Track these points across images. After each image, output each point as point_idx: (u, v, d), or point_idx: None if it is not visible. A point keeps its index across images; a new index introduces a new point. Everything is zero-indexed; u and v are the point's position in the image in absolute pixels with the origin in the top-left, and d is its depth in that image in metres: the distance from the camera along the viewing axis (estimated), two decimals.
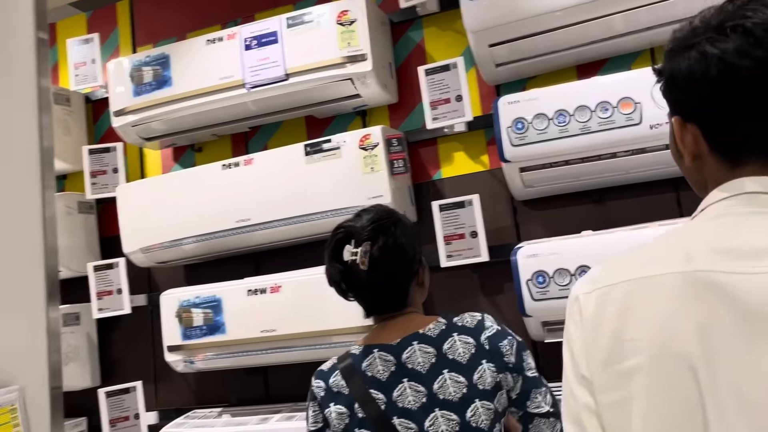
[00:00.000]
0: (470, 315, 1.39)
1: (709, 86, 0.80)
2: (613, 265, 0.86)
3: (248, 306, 2.34)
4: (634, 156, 2.05)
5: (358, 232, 1.39)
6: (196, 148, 2.88)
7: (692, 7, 2.05)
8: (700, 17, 0.84)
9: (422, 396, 1.31)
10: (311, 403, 1.44)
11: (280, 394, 2.65)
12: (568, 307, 0.86)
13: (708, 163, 0.85)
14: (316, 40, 2.34)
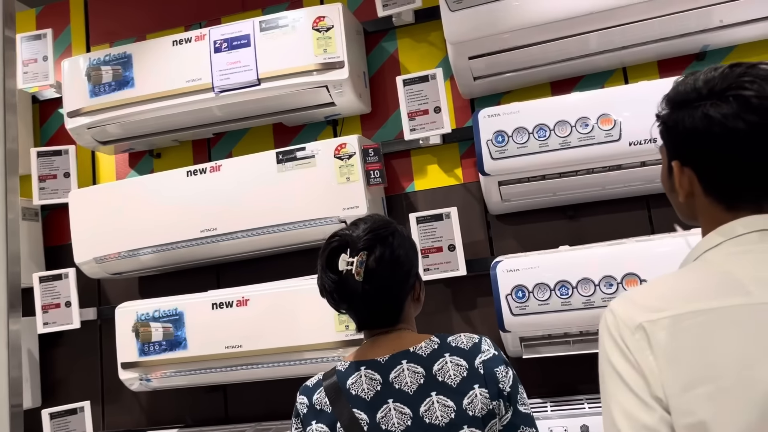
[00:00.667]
0: (467, 336, 1.32)
1: (711, 143, 0.95)
2: (662, 294, 0.94)
3: (213, 320, 2.22)
4: (611, 172, 2.07)
5: (354, 241, 1.31)
6: (155, 153, 2.74)
7: (665, 30, 2.11)
8: (704, 79, 0.98)
9: (407, 419, 1.24)
10: (294, 419, 1.37)
11: (241, 414, 2.52)
12: (626, 334, 0.91)
13: (701, 201, 1.01)
14: (290, 45, 2.27)
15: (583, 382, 2.17)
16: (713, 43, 2.16)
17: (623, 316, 0.92)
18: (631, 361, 0.89)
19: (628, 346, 0.90)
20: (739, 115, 0.92)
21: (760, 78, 0.93)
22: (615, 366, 0.90)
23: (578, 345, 2.05)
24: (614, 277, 1.94)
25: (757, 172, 0.95)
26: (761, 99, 0.92)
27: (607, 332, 0.94)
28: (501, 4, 2.08)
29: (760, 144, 0.93)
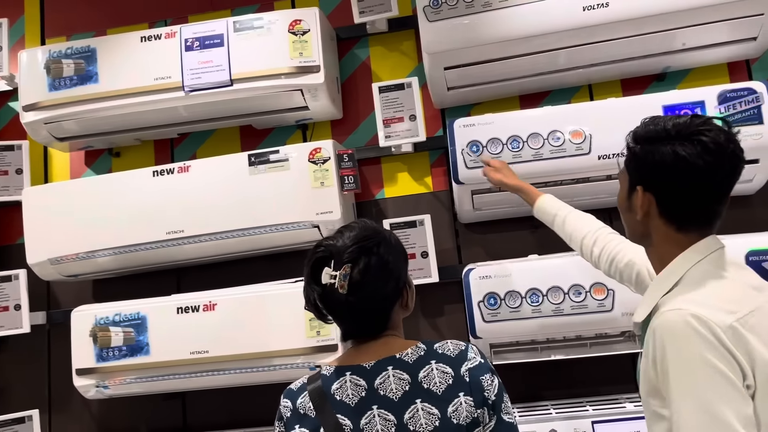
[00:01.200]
0: (453, 343, 1.31)
1: (675, 174, 1.20)
2: (717, 297, 1.15)
3: (177, 325, 2.16)
4: (579, 184, 2.14)
5: (339, 252, 1.28)
6: (114, 152, 2.65)
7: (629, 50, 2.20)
8: (672, 124, 1.22)
9: (391, 425, 1.23)
10: (277, 422, 1.34)
11: (200, 422, 2.45)
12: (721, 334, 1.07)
13: (655, 222, 1.26)
14: (265, 46, 2.25)
15: (549, 389, 2.23)
16: (674, 65, 2.27)
17: (712, 317, 1.08)
18: (729, 360, 1.05)
19: (725, 344, 1.06)
20: (700, 155, 1.17)
21: (716, 129, 1.19)
22: (716, 365, 1.05)
23: (546, 352, 2.10)
24: (583, 286, 2.00)
25: (705, 201, 1.22)
26: (716, 144, 1.17)
27: (696, 334, 1.07)
28: (478, 17, 2.13)
29: (711, 179, 1.19)
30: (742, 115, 1.97)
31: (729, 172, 1.20)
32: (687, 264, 1.21)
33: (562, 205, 1.82)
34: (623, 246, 1.61)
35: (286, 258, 2.40)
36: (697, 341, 1.06)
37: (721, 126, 1.20)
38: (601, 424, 1.92)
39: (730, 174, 1.21)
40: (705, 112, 1.99)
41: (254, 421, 2.38)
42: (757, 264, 1.91)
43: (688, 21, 2.08)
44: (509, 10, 2.11)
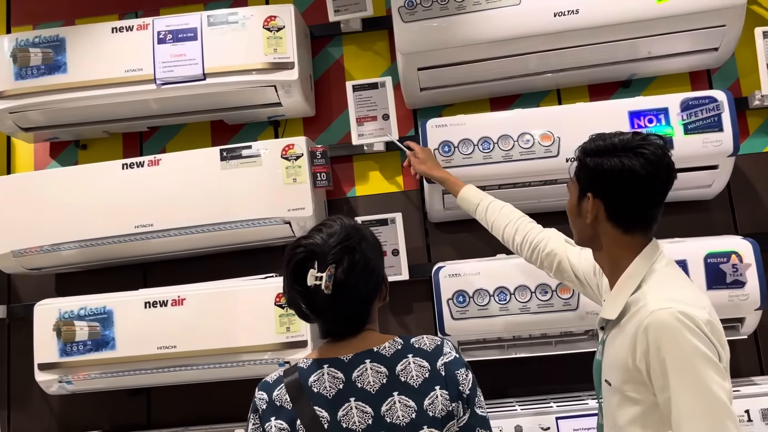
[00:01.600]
0: (429, 338, 1.34)
1: (621, 182, 1.37)
2: (686, 295, 1.33)
3: (145, 320, 2.13)
4: (546, 186, 2.19)
5: (323, 253, 1.28)
6: (81, 144, 2.60)
7: (597, 57, 2.26)
8: (619, 139, 1.39)
9: (368, 417, 1.24)
10: (252, 415, 1.33)
11: (166, 419, 2.43)
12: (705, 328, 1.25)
13: (603, 225, 1.42)
14: (239, 42, 2.24)
15: (515, 386, 2.27)
16: (639, 72, 2.35)
17: (695, 314, 1.26)
18: (710, 346, 1.24)
19: (709, 336, 1.25)
20: (642, 165, 1.35)
21: (654, 145, 1.37)
22: (706, 353, 1.23)
23: (512, 349, 2.14)
24: (549, 285, 2.05)
25: (646, 206, 1.39)
26: (655, 156, 1.35)
27: (687, 330, 1.24)
28: (452, 19, 2.16)
29: (651, 186, 1.37)
30: (703, 122, 2.05)
31: (665, 181, 1.38)
32: (644, 267, 1.39)
33: (484, 195, 1.96)
34: (544, 236, 1.80)
35: (257, 254, 2.39)
36: (689, 334, 1.23)
37: (658, 142, 1.38)
38: (565, 419, 1.97)
39: (665, 182, 1.39)
40: (669, 119, 2.06)
41: (220, 418, 2.36)
42: (715, 266, 1.98)
43: (653, 30, 2.15)
44: (483, 14, 2.15)
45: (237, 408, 2.30)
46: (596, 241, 1.46)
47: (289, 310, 2.05)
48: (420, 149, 2.09)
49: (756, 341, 2.23)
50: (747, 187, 2.31)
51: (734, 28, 2.15)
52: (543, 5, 2.13)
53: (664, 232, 2.25)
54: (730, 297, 1.97)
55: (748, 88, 2.35)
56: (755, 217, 2.29)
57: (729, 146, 2.04)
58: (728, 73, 2.38)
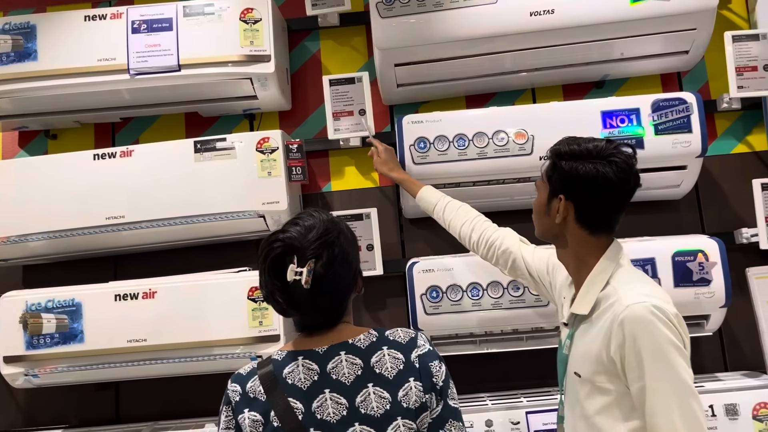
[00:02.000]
0: (404, 331, 1.34)
1: (595, 188, 1.44)
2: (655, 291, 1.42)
3: (115, 313, 2.10)
4: (519, 183, 2.22)
5: (303, 248, 1.27)
6: (51, 134, 2.56)
7: (571, 57, 2.29)
8: (593, 146, 1.46)
9: (343, 408, 1.25)
10: (225, 407, 1.32)
11: (134, 413, 2.40)
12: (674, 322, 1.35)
13: (571, 226, 1.50)
14: (215, 33, 2.22)
15: (485, 381, 2.29)
16: (612, 73, 2.38)
17: (667, 309, 1.35)
18: (680, 338, 1.34)
19: (678, 329, 1.34)
20: (615, 172, 1.43)
21: (625, 154, 1.46)
22: (678, 344, 1.32)
23: (484, 344, 2.16)
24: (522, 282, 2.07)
25: (613, 210, 1.47)
26: (627, 164, 1.44)
27: (661, 322, 1.33)
28: (429, 16, 2.17)
29: (620, 192, 1.45)
30: (673, 123, 2.09)
31: (632, 188, 1.47)
32: (611, 265, 1.47)
33: (442, 195, 2.02)
34: (500, 234, 1.87)
35: (230, 248, 2.38)
36: (662, 326, 1.32)
37: (628, 152, 1.46)
38: (534, 414, 2.00)
39: (632, 189, 1.47)
40: (640, 119, 2.10)
41: (190, 413, 2.34)
42: (682, 264, 2.03)
43: (626, 32, 2.18)
44: (460, 11, 2.16)
45: (208, 402, 2.27)
46: (561, 239, 1.54)
47: (262, 304, 2.06)
48: (383, 149, 2.14)
49: (720, 338, 2.28)
50: (714, 187, 2.36)
51: (704, 31, 2.20)
52: (519, 4, 2.15)
53: (633, 230, 2.30)
54: (696, 294, 2.01)
55: (716, 90, 2.40)
56: (721, 217, 2.34)
57: (698, 147, 2.09)
58: (698, 76, 2.43)
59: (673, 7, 2.11)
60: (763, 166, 2.35)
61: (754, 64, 2.17)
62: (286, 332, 2.06)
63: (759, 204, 2.09)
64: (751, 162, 2.37)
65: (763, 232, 2.08)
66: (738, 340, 2.28)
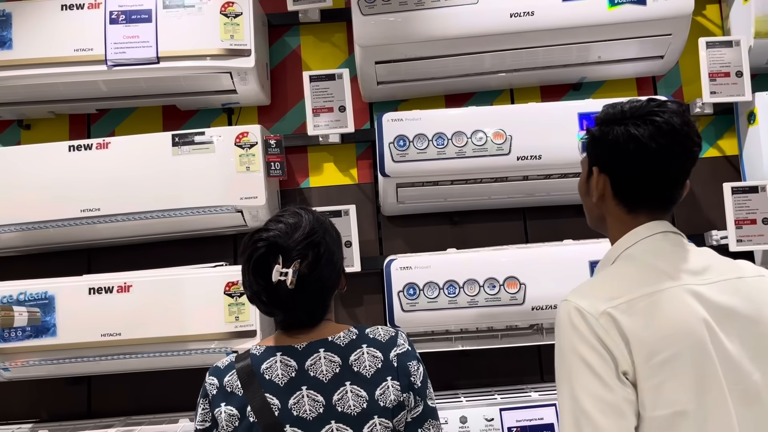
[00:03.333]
0: (384, 329, 1.35)
1: (626, 155, 1.19)
2: (611, 285, 1.17)
3: (89, 306, 2.08)
4: (497, 183, 2.24)
5: (288, 248, 1.27)
6: (24, 124, 2.51)
7: (549, 59, 2.32)
8: (629, 106, 1.22)
9: (319, 406, 1.26)
10: (202, 400, 1.33)
11: (107, 408, 2.37)
12: (593, 323, 1.10)
13: (609, 203, 1.26)
14: (195, 26, 2.20)
15: (461, 378, 2.31)
16: (589, 76, 2.42)
17: (588, 307, 1.11)
18: (597, 348, 1.08)
19: (596, 332, 1.09)
20: (652, 136, 1.17)
21: (670, 111, 1.18)
22: (583, 355, 1.08)
23: (459, 342, 2.18)
24: (497, 279, 2.10)
25: (656, 183, 1.21)
26: (670, 125, 1.17)
27: (570, 326, 1.11)
28: (411, 14, 2.18)
29: (662, 161, 1.18)
30: None
31: (681, 153, 1.18)
32: (618, 250, 1.24)
33: None
34: None
35: (207, 242, 2.37)
36: (570, 332, 1.11)
37: (675, 108, 1.19)
38: (508, 411, 2.02)
39: (682, 155, 1.19)
40: None
41: (164, 408, 2.32)
42: None
43: (603, 36, 2.22)
44: (441, 11, 2.18)
45: (182, 397, 2.27)
46: (603, 221, 1.30)
47: (239, 299, 2.06)
48: None
49: None
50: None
51: (679, 37, 2.24)
52: (499, 6, 2.17)
53: None
54: None
55: (690, 95, 2.45)
56: (693, 220, 2.39)
57: None
58: (672, 81, 2.48)
59: (649, 12, 2.15)
60: (733, 170, 2.41)
61: (726, 70, 2.22)
62: (262, 328, 2.06)
63: (729, 207, 2.14)
64: (722, 166, 2.42)
65: (733, 234, 2.13)
66: None
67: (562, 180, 2.22)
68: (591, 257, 2.07)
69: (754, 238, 2.12)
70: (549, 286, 2.06)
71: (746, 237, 2.13)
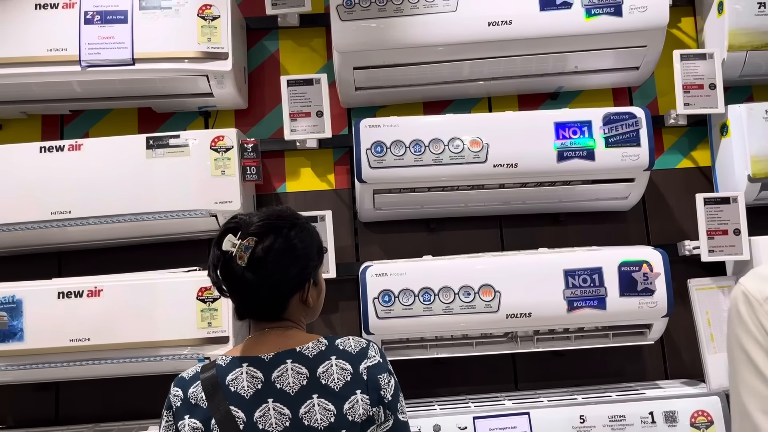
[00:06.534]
0: (355, 340, 1.32)
1: None
2: None
3: (57, 311, 2.04)
4: (473, 191, 2.24)
5: (247, 224, 1.28)
6: None
7: (527, 68, 2.33)
8: None
9: (286, 419, 1.22)
10: (166, 412, 1.30)
11: (75, 414, 2.32)
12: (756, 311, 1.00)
13: None
14: (172, 28, 2.18)
15: (435, 386, 2.31)
16: (566, 85, 2.44)
17: (753, 290, 1.01)
18: (759, 340, 0.99)
19: (759, 320, 1.00)
20: None
21: None
22: (745, 348, 1.00)
23: (434, 349, 2.18)
24: (472, 287, 2.09)
25: None
26: None
27: (736, 314, 1.02)
28: (390, 21, 2.18)
29: None
30: (622, 136, 2.15)
31: None
32: None
33: None
34: None
35: (180, 247, 2.34)
36: (735, 321, 1.04)
37: None
38: (482, 419, 2.02)
39: None
40: (591, 131, 2.15)
41: (134, 415, 2.28)
42: (628, 274, 2.08)
43: (580, 46, 2.24)
44: (419, 18, 2.18)
45: (152, 404, 2.21)
46: None
47: (212, 305, 2.03)
48: None
49: (662, 347, 2.36)
50: (660, 200, 2.44)
51: (654, 49, 2.27)
52: (478, 14, 2.18)
53: (581, 240, 2.36)
54: (640, 304, 2.07)
55: (665, 106, 2.48)
56: (666, 230, 2.42)
57: (645, 161, 2.15)
58: (647, 92, 2.51)
59: (625, 24, 2.17)
60: (706, 181, 2.44)
61: (700, 82, 2.25)
62: (234, 334, 2.04)
63: (701, 217, 2.17)
64: (695, 177, 2.45)
65: (704, 244, 2.16)
66: (678, 348, 2.36)
67: (537, 188, 2.23)
68: (565, 266, 2.07)
69: (725, 249, 2.15)
70: (523, 294, 2.06)
71: (717, 247, 2.15)
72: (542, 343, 2.17)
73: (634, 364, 2.35)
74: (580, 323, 2.11)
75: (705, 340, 2.14)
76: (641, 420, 2.02)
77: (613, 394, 2.12)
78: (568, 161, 2.14)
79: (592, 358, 2.30)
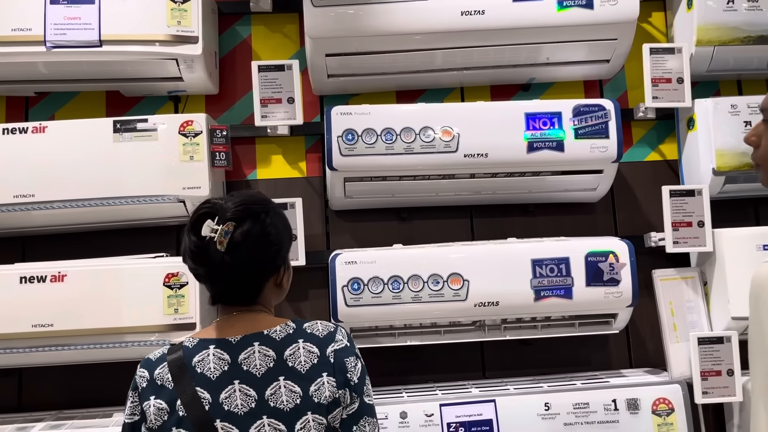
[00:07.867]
0: (323, 324, 1.33)
1: None
2: None
3: (18, 296, 2.00)
4: (444, 180, 2.25)
5: (223, 209, 1.28)
6: None
7: (499, 58, 2.34)
8: None
9: (251, 401, 1.23)
10: (131, 392, 1.30)
11: (38, 401, 2.29)
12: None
13: None
14: (141, 10, 2.14)
15: (403, 373, 2.32)
16: (538, 77, 2.45)
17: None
18: None
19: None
20: None
21: None
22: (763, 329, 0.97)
23: (402, 337, 2.19)
24: (441, 276, 2.10)
25: None
26: None
27: (754, 295, 0.99)
28: (363, 8, 2.17)
29: None
30: (592, 128, 2.17)
31: None
32: None
33: None
34: None
35: (147, 233, 2.31)
36: (753, 302, 1.00)
37: None
38: (448, 406, 2.04)
39: None
40: (561, 123, 2.16)
41: (98, 401, 2.25)
42: (594, 264, 2.11)
43: (552, 37, 2.25)
44: (392, 5, 2.17)
45: (118, 391, 2.17)
46: None
47: (178, 291, 2.01)
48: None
49: (627, 336, 2.39)
50: (628, 192, 2.47)
51: (625, 42, 2.30)
52: (451, 3, 2.17)
53: (551, 230, 2.38)
54: (606, 294, 2.10)
55: (634, 100, 2.51)
56: (633, 221, 2.45)
57: (613, 153, 2.18)
58: (618, 85, 2.53)
59: (596, 17, 2.19)
60: (673, 174, 2.48)
61: (668, 76, 2.28)
62: (201, 320, 2.02)
63: (667, 210, 2.20)
64: (662, 170, 2.49)
65: (669, 236, 2.19)
66: (643, 338, 2.40)
67: (508, 179, 2.25)
68: (533, 255, 2.09)
69: (689, 240, 2.19)
70: (491, 283, 2.08)
71: (682, 239, 2.19)
72: (510, 332, 2.19)
73: (600, 353, 2.39)
74: (547, 312, 2.13)
75: (668, 329, 2.18)
76: (604, 407, 2.06)
77: (578, 382, 2.15)
78: (538, 152, 2.15)
79: (559, 347, 2.33)
